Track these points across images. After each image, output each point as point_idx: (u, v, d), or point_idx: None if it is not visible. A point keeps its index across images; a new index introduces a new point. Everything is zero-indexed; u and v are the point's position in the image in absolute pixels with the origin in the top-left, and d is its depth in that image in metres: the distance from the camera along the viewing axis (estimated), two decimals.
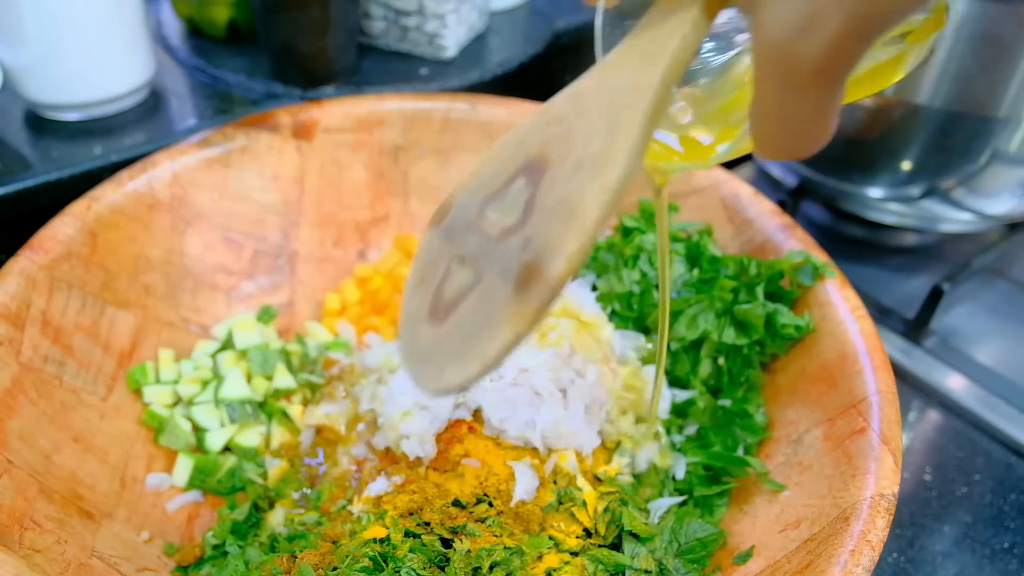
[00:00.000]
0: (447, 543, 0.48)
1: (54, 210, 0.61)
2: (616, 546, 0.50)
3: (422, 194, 0.75)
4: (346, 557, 0.46)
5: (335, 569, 0.46)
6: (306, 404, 0.63)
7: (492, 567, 0.46)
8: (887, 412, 0.49)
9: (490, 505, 0.50)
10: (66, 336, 0.56)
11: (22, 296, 0.54)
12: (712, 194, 0.67)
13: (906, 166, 0.72)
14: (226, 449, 0.60)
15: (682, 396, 0.59)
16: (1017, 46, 0.62)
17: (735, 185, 0.67)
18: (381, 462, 0.56)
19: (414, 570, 0.45)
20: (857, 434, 0.49)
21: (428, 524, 0.48)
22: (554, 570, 0.47)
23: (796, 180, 0.83)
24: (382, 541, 0.47)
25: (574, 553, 0.49)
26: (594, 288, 0.64)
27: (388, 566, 0.45)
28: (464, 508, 0.49)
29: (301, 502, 0.57)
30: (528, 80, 0.92)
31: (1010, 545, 0.60)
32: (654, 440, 0.56)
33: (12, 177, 0.67)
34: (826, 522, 0.45)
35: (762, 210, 0.64)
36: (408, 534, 0.47)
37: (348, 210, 0.73)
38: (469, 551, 0.46)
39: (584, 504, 0.51)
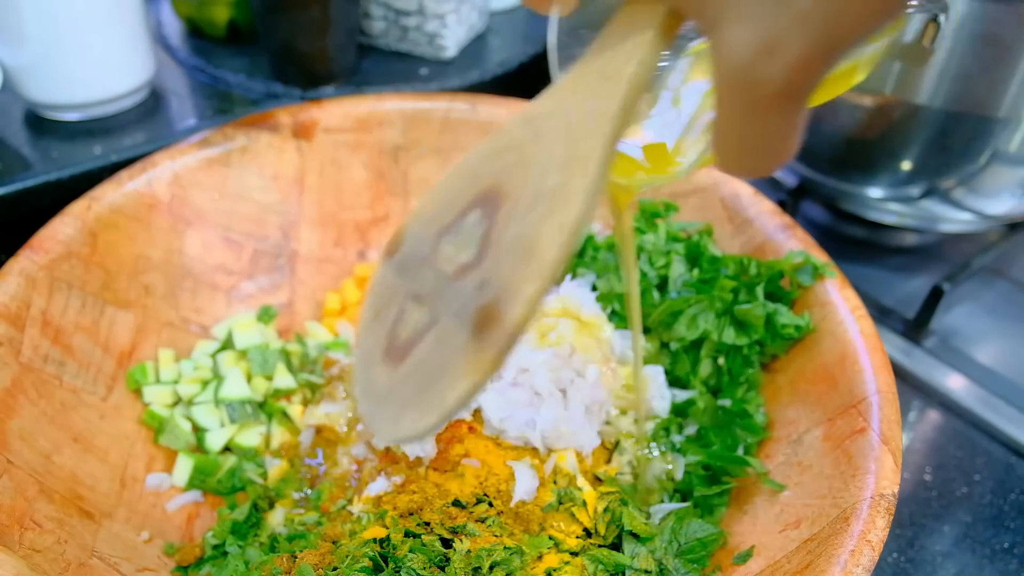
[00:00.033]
0: (447, 543, 0.48)
1: (54, 210, 0.61)
2: (616, 546, 0.50)
3: (422, 194, 0.75)
4: (346, 557, 0.46)
5: (335, 569, 0.46)
6: (306, 404, 0.63)
7: (492, 567, 0.46)
8: (887, 412, 0.49)
9: (490, 505, 0.50)
10: (66, 336, 0.56)
11: (22, 296, 0.54)
12: (712, 194, 0.67)
13: (906, 166, 0.72)
14: (226, 449, 0.60)
15: (682, 396, 0.59)
16: (1017, 46, 0.62)
17: (735, 185, 0.66)
18: (381, 462, 0.56)
19: (414, 570, 0.45)
20: (857, 434, 0.48)
21: (428, 524, 0.48)
22: (554, 570, 0.47)
23: (796, 180, 0.83)
24: (382, 541, 0.47)
25: (574, 553, 0.49)
26: (594, 288, 0.64)
27: (388, 566, 0.45)
28: (464, 508, 0.49)
29: (301, 502, 0.57)
30: (528, 80, 0.92)
31: (1010, 545, 0.60)
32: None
33: (12, 177, 0.67)
34: (826, 522, 0.45)
35: (762, 210, 0.64)
36: (408, 534, 0.47)
37: (348, 210, 0.73)
38: (469, 551, 0.46)
39: (584, 504, 0.51)
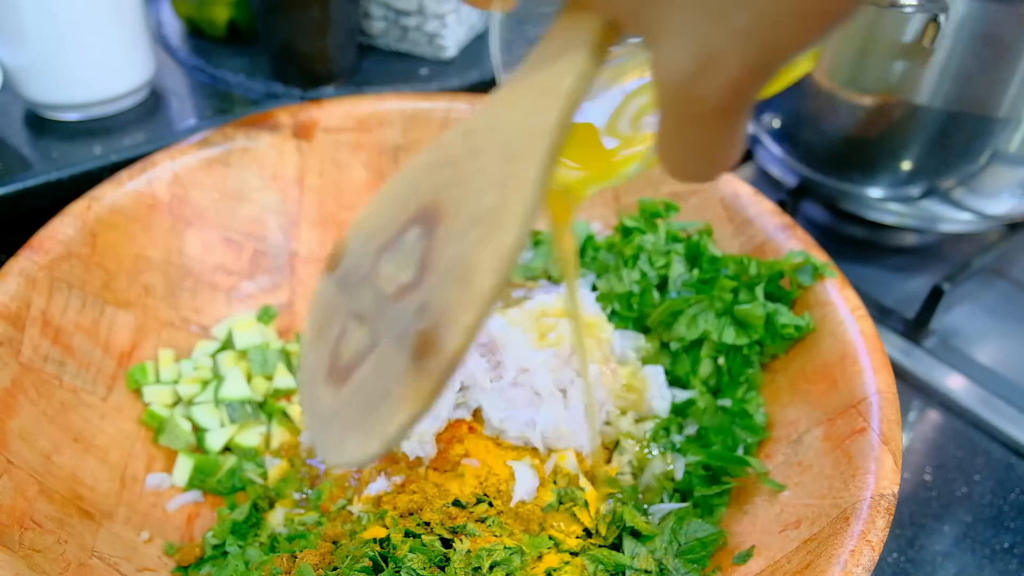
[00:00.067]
0: (447, 543, 0.48)
1: (54, 210, 0.61)
2: (616, 546, 0.50)
3: None
4: (346, 557, 0.46)
5: (335, 569, 0.46)
6: None
7: (492, 567, 0.46)
8: (887, 412, 0.49)
9: (490, 505, 0.50)
10: (66, 336, 0.56)
11: (22, 296, 0.54)
12: (712, 194, 0.67)
13: (906, 166, 0.72)
14: (226, 449, 0.60)
15: (682, 396, 0.59)
16: (1017, 46, 0.62)
17: (735, 185, 0.66)
18: (381, 462, 0.56)
19: (414, 570, 0.45)
20: (857, 434, 0.48)
21: (428, 524, 0.48)
22: (554, 570, 0.47)
23: (796, 180, 0.83)
24: (382, 541, 0.47)
25: (574, 553, 0.49)
26: (594, 288, 0.64)
27: (388, 566, 0.45)
28: (464, 508, 0.49)
29: (301, 502, 0.57)
30: None
31: (1010, 545, 0.60)
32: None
33: (12, 177, 0.67)
34: (826, 522, 0.45)
35: (762, 210, 0.64)
36: (408, 534, 0.47)
37: (348, 210, 0.73)
38: (469, 551, 0.46)
39: (586, 504, 0.51)
